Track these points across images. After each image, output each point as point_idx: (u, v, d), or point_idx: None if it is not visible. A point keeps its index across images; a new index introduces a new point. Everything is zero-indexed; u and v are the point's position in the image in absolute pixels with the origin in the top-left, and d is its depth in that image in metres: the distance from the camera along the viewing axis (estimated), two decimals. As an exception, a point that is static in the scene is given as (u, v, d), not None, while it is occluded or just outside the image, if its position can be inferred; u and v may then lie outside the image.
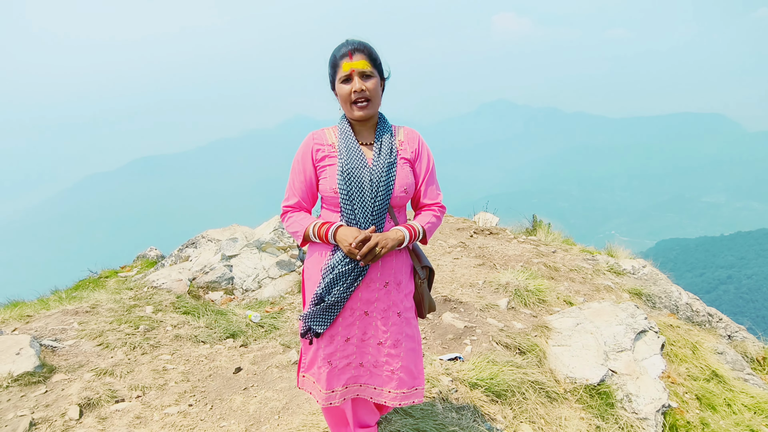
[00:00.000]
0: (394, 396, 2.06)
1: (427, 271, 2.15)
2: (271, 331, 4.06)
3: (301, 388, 2.17)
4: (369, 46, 1.93)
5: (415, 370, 2.08)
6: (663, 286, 5.65)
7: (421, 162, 2.07)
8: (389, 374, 2.05)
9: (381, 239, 1.88)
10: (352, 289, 1.94)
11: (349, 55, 1.88)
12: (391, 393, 2.06)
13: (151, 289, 4.89)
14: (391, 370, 2.05)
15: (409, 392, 2.07)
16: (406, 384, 2.06)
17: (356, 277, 1.93)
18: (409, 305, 2.08)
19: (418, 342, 2.11)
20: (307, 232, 1.97)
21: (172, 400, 2.95)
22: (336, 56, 1.92)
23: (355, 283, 1.93)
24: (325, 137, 2.02)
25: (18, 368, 3.02)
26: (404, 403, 2.07)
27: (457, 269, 5.16)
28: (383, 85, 2.01)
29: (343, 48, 1.90)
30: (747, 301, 44.77)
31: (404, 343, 2.04)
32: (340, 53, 1.91)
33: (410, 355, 2.06)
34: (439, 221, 2.10)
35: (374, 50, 1.94)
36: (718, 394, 3.94)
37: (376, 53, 1.94)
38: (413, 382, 2.08)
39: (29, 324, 3.80)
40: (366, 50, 1.91)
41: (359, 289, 1.97)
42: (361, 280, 1.94)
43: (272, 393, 3.01)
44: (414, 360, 2.08)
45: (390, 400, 2.06)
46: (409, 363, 2.05)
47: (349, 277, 1.92)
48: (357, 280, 1.93)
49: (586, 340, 3.74)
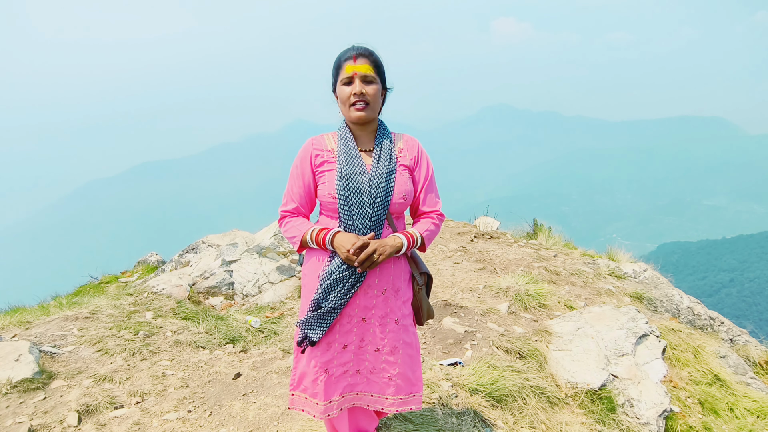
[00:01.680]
0: (392, 402, 2.05)
1: (425, 278, 2.13)
2: (271, 336, 4.05)
3: (292, 408, 2.10)
4: (374, 53, 1.95)
5: (412, 376, 2.07)
6: (664, 289, 5.63)
7: (420, 169, 2.06)
8: (386, 380, 2.04)
9: (379, 246, 1.88)
10: (349, 296, 1.93)
11: (353, 58, 1.91)
12: (388, 399, 2.05)
13: (152, 294, 4.89)
14: (388, 376, 2.04)
15: (407, 398, 2.07)
16: (404, 390, 2.06)
17: (354, 284, 1.92)
18: (407, 312, 2.08)
19: (416, 349, 2.10)
20: (305, 238, 1.97)
21: (171, 406, 2.94)
22: (340, 59, 1.95)
23: (352, 289, 1.92)
24: (325, 143, 2.02)
25: (17, 375, 3.01)
26: (402, 409, 2.06)
27: (457, 273, 5.15)
28: (384, 94, 2.03)
29: (349, 52, 1.93)
30: (749, 305, 44.61)
31: (402, 350, 2.03)
32: (345, 56, 1.93)
33: (408, 362, 2.05)
34: (437, 229, 2.09)
35: (380, 58, 1.97)
36: (721, 398, 3.92)
37: (381, 61, 1.97)
38: (411, 389, 2.07)
39: (29, 330, 3.80)
40: (371, 56, 1.93)
41: (357, 295, 1.96)
42: (359, 286, 1.94)
43: (272, 399, 3.00)
44: (411, 366, 2.07)
45: (387, 406, 2.05)
46: (406, 370, 2.05)
47: (347, 283, 1.91)
48: (354, 287, 1.92)
49: (587, 345, 3.72)
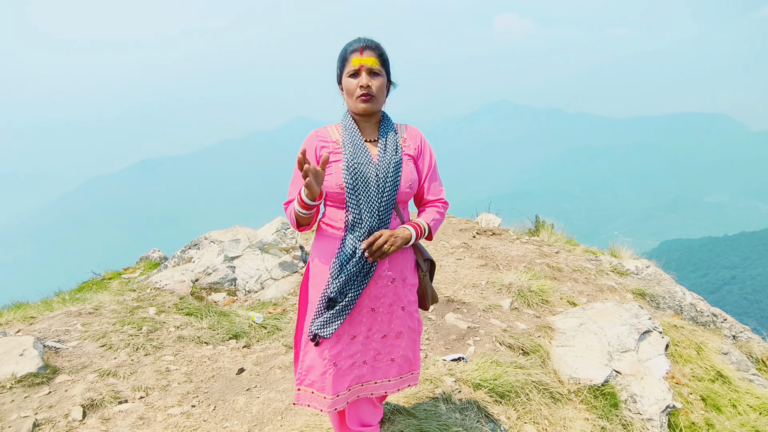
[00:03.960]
0: (393, 383, 2.14)
1: (429, 264, 2.19)
2: (274, 332, 4.05)
3: (297, 403, 2.07)
4: (380, 46, 1.95)
5: (412, 356, 2.16)
6: (667, 286, 5.62)
7: (423, 158, 2.08)
8: (389, 362, 2.10)
9: (390, 237, 1.90)
10: (361, 289, 1.95)
11: (360, 50, 1.90)
12: (390, 381, 2.13)
13: (154, 290, 4.90)
14: (391, 358, 2.10)
15: (405, 376, 2.16)
16: (404, 369, 2.15)
17: (366, 275, 1.94)
18: (413, 299, 2.14)
19: (418, 333, 2.18)
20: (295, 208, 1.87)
21: (175, 401, 2.95)
22: (347, 51, 1.94)
23: (364, 281, 1.94)
24: (329, 134, 2.02)
25: (21, 369, 3.02)
26: (401, 387, 2.15)
27: (459, 270, 5.15)
28: (389, 87, 2.03)
29: (355, 44, 1.92)
30: (751, 302, 44.57)
31: (407, 334, 2.11)
32: (351, 48, 1.92)
33: (410, 345, 2.14)
34: (442, 217, 2.12)
35: (385, 52, 1.97)
36: (723, 394, 3.92)
37: (386, 55, 1.97)
38: (410, 367, 2.16)
39: (33, 325, 3.81)
40: (377, 49, 1.93)
41: (368, 286, 1.98)
42: (371, 277, 1.96)
43: (275, 394, 3.01)
44: (413, 348, 2.16)
45: (389, 388, 2.13)
46: (408, 351, 2.13)
47: (359, 275, 1.93)
48: (366, 278, 1.95)
49: (589, 341, 3.72)
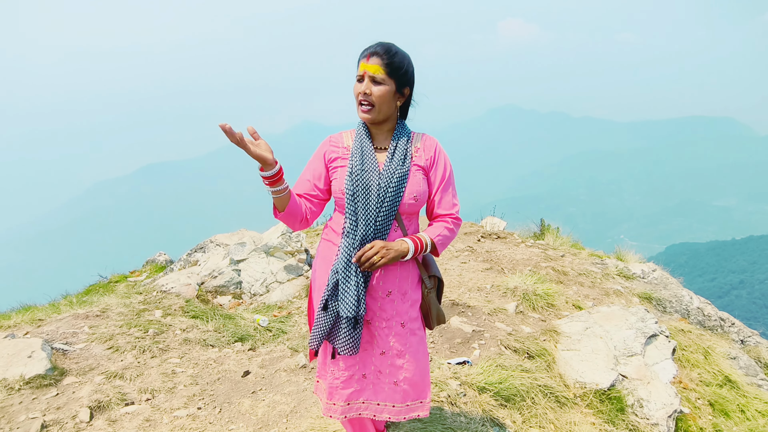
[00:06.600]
0: (399, 410, 1.99)
1: (435, 281, 2.06)
2: (279, 335, 4.06)
3: (315, 392, 2.19)
4: (391, 53, 1.83)
5: (421, 382, 2.01)
6: (673, 290, 5.59)
7: (436, 170, 1.97)
8: (393, 386, 1.98)
9: (382, 248, 1.83)
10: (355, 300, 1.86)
11: (368, 57, 1.84)
12: (395, 408, 1.99)
13: (160, 293, 4.92)
14: (394, 381, 1.98)
15: (414, 405, 2.01)
16: (410, 397, 2.00)
17: (356, 285, 1.85)
18: (415, 315, 2.01)
19: (424, 354, 2.02)
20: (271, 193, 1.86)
21: (181, 403, 2.96)
22: (360, 54, 1.90)
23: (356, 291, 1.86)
24: (342, 140, 2.00)
25: (30, 371, 3.05)
26: (407, 417, 2.00)
27: (464, 273, 5.14)
28: (407, 95, 1.94)
29: (367, 49, 1.86)
30: (760, 306, 44.15)
31: (408, 354, 1.97)
32: (363, 53, 1.88)
33: (415, 367, 1.98)
34: (452, 234, 1.98)
35: (399, 59, 1.84)
36: (731, 399, 3.88)
37: (399, 62, 1.84)
38: (418, 395, 2.01)
39: (41, 328, 3.84)
40: (386, 56, 1.83)
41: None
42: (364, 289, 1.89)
43: (280, 397, 3.01)
44: (419, 372, 2.00)
45: (394, 415, 1.99)
46: (414, 375, 1.99)
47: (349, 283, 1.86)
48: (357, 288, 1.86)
49: (595, 345, 3.70)
